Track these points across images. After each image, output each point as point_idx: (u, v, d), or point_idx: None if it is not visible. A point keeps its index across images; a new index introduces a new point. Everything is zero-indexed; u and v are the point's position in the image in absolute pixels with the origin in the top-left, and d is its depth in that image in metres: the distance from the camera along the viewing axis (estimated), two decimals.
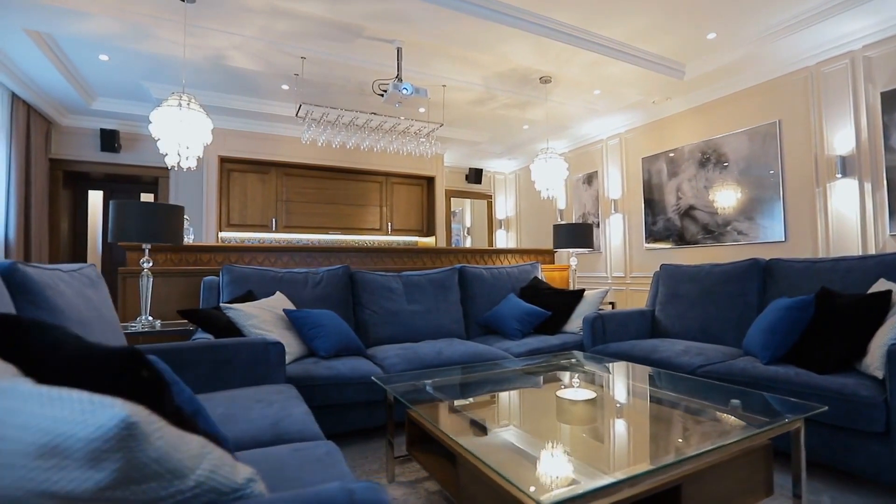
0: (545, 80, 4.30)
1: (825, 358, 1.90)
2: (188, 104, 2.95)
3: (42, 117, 4.92)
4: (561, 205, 6.52)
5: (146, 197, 5.97)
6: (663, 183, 4.84)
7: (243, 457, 1.18)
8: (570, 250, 4.17)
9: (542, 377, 2.10)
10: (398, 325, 3.05)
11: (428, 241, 6.76)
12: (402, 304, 3.13)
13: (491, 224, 8.04)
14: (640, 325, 3.11)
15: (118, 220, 2.56)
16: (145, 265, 2.70)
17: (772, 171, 3.86)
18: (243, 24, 3.35)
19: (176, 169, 2.97)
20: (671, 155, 4.75)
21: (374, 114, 4.25)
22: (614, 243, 5.49)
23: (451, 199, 7.69)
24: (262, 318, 2.43)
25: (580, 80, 4.33)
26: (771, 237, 3.86)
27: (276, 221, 5.72)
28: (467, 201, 8.52)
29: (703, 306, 2.85)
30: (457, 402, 1.75)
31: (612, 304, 4.53)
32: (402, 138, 4.61)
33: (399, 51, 3.64)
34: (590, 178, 5.92)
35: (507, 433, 1.39)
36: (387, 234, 6.42)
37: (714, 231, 4.31)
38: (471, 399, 1.83)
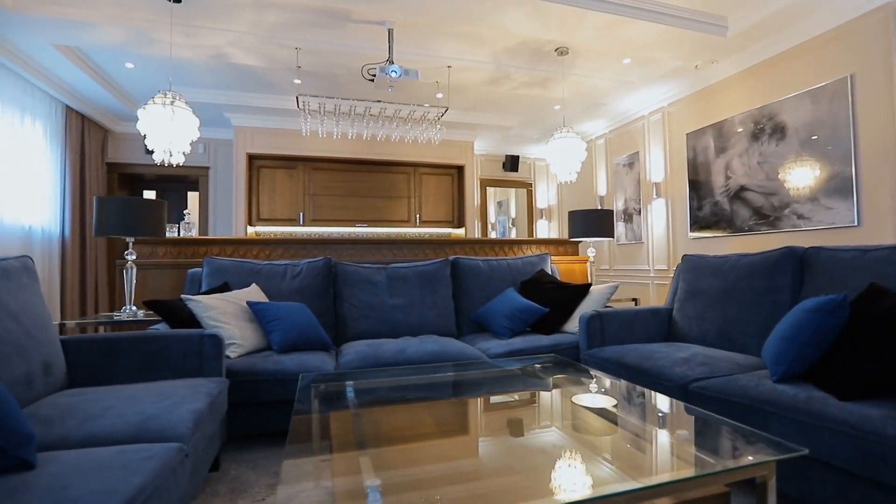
0: (562, 51, 3.87)
1: (850, 379, 1.42)
2: (173, 102, 2.99)
3: (98, 126, 5.41)
4: (601, 191, 5.95)
5: (192, 195, 6.39)
6: (710, 161, 4.17)
7: (46, 457, 1.09)
8: (590, 240, 3.72)
9: (482, 388, 1.82)
10: (377, 320, 2.89)
11: (459, 232, 6.53)
12: (383, 297, 2.97)
13: (531, 214, 7.60)
14: (652, 327, 2.66)
15: (100, 215, 2.67)
16: (129, 257, 2.80)
17: (841, 139, 3.12)
18: (232, 19, 3.36)
19: (167, 164, 3.04)
20: (719, 128, 4.07)
21: (379, 101, 4.10)
22: (657, 232, 4.88)
23: (487, 188, 7.37)
24: (222, 310, 2.39)
25: (602, 49, 3.84)
26: (839, 221, 3.14)
27: (303, 215, 5.83)
28: (511, 191, 8.15)
29: (724, 305, 2.35)
30: (333, 414, 1.53)
31: (636, 300, 4.00)
32: (414, 125, 4.42)
33: (390, 32, 3.45)
34: (631, 161, 5.31)
35: (360, 456, 1.16)
36: (415, 225, 6.29)
37: (769, 215, 3.62)
38: (355, 410, 1.61)
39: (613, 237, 3.65)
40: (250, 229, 5.72)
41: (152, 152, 2.99)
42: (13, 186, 3.98)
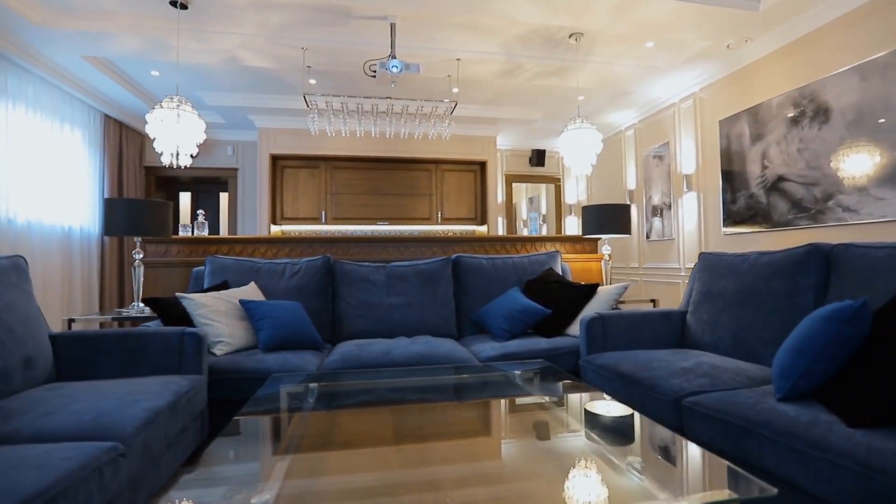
0: (576, 37, 3.65)
1: (861, 401, 1.20)
2: (178, 107, 3.07)
3: (135, 132, 5.73)
4: (630, 184, 5.62)
5: (223, 196, 6.64)
6: (744, 150, 3.81)
7: None
8: (606, 236, 3.49)
9: (451, 393, 1.72)
10: (373, 319, 2.84)
11: (482, 230, 6.40)
12: (380, 296, 2.92)
13: (559, 210, 7.32)
14: (662, 332, 2.44)
15: (107, 215, 2.78)
16: (137, 256, 2.90)
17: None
18: (238, 21, 3.41)
19: (175, 165, 3.13)
20: (755, 112, 3.70)
21: (388, 98, 4.05)
22: (688, 228, 4.53)
23: (513, 184, 7.17)
24: (213, 308, 2.42)
25: (620, 33, 3.59)
26: (892, 214, 2.75)
27: (325, 214, 5.90)
28: (542, 186, 7.91)
29: (739, 309, 2.10)
30: (281, 415, 1.47)
31: (654, 301, 3.71)
32: (427, 121, 4.34)
33: (392, 27, 3.38)
34: (661, 153, 4.97)
35: (279, 461, 1.09)
36: (437, 223, 6.22)
37: (810, 208, 3.24)
38: (308, 412, 1.54)
39: (630, 233, 3.41)
40: (275, 228, 5.86)
41: (162, 154, 3.09)
42: (53, 190, 4.27)
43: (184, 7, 3.22)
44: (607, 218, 3.34)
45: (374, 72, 3.30)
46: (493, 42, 3.77)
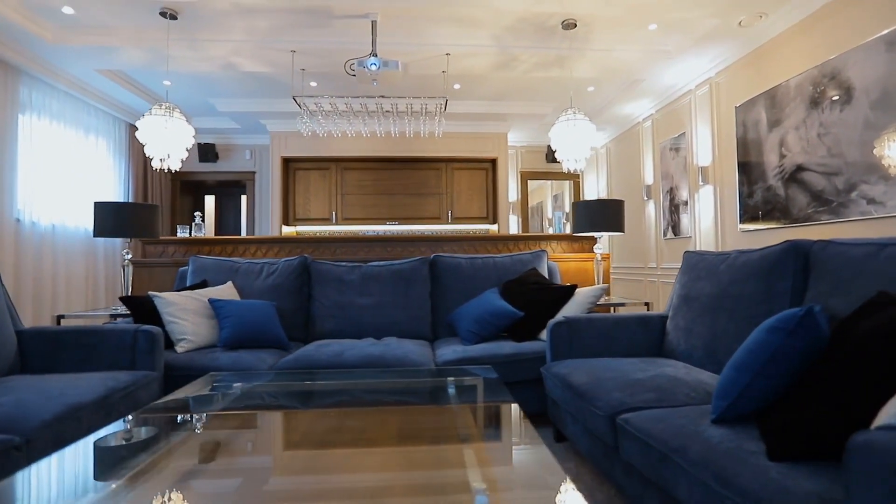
0: (568, 24, 3.44)
1: (784, 429, 1.01)
2: (167, 114, 3.18)
3: None
4: (648, 179, 5.28)
5: (244, 198, 6.88)
6: (761, 138, 3.45)
7: None
8: (599, 234, 3.27)
9: (357, 399, 1.63)
10: (344, 320, 2.81)
11: (494, 228, 6.24)
12: (352, 297, 2.88)
13: None
14: (639, 338, 2.23)
15: (97, 217, 2.92)
16: (126, 256, 3.03)
17: None
18: (226, 29, 3.49)
19: (166, 170, 3.25)
20: (772, 95, 3.34)
21: (383, 97, 4.02)
22: (704, 225, 4.18)
23: (529, 181, 6.95)
24: (182, 306, 2.47)
25: (616, 16, 3.35)
26: None
27: (335, 215, 5.97)
28: (566, 183, 7.64)
29: (713, 315, 1.88)
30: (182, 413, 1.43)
31: (648, 304, 3.41)
32: (419, 119, 4.27)
33: (374, 24, 3.33)
34: (677, 144, 4.62)
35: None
36: (447, 222, 6.13)
37: (831, 201, 2.87)
38: (207, 414, 1.49)
39: (623, 231, 3.16)
40: (289, 229, 6.00)
41: (154, 159, 3.21)
42: (78, 195, 4.57)
43: (174, 17, 3.33)
44: (599, 215, 3.12)
45: (354, 71, 3.26)
46: (482, 34, 3.64)
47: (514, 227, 6.56)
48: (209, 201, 6.98)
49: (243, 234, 7.12)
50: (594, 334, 2.21)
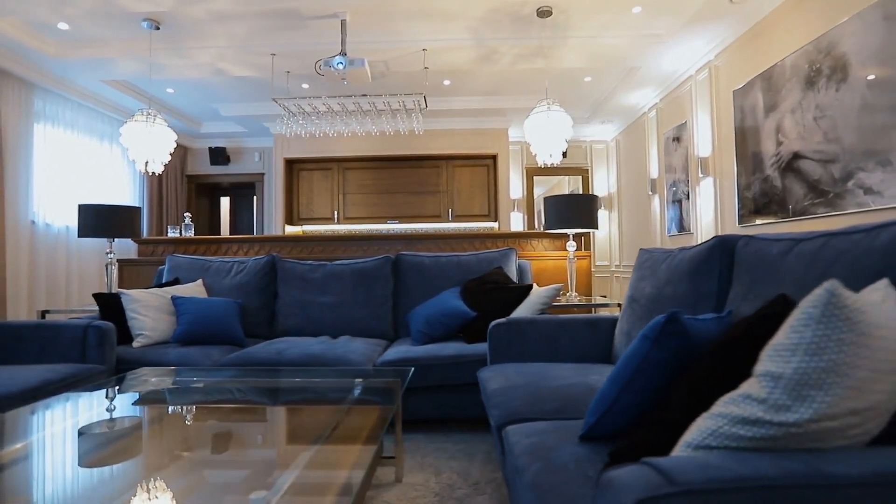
0: (543, 11, 3.29)
1: (620, 452, 0.89)
2: (149, 119, 3.30)
3: (177, 144, 6.34)
4: (653, 172, 4.98)
5: (255, 199, 7.09)
6: (759, 124, 3.15)
7: None
8: (570, 231, 3.11)
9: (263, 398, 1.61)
10: (304, 318, 2.83)
11: (494, 226, 6.11)
12: (314, 295, 2.89)
13: None
14: (587, 342, 2.09)
15: (81, 219, 3.08)
16: (109, 256, 3.17)
17: None
18: (207, 35, 3.59)
19: (151, 174, 3.37)
20: (768, 77, 3.04)
21: (365, 95, 4.01)
22: (705, 220, 3.89)
23: (535, 177, 6.74)
24: (145, 303, 2.56)
25: (593, 1, 3.16)
26: None
27: (337, 214, 6.04)
28: (578, 179, 7.38)
29: (648, 319, 1.72)
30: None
31: (621, 305, 3.18)
32: (405, 115, 4.23)
33: (343, 23, 3.32)
34: (678, 134, 4.34)
35: None
36: (448, 220, 6.06)
37: (828, 191, 2.58)
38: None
39: (597, 228, 2.99)
40: (293, 228, 6.13)
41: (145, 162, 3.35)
42: (92, 199, 4.85)
43: (157, 27, 3.45)
44: (570, 210, 2.96)
45: (322, 72, 3.26)
46: (456, 27, 3.55)
47: (518, 225, 6.39)
48: (224, 203, 7.25)
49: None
50: (537, 337, 2.09)
